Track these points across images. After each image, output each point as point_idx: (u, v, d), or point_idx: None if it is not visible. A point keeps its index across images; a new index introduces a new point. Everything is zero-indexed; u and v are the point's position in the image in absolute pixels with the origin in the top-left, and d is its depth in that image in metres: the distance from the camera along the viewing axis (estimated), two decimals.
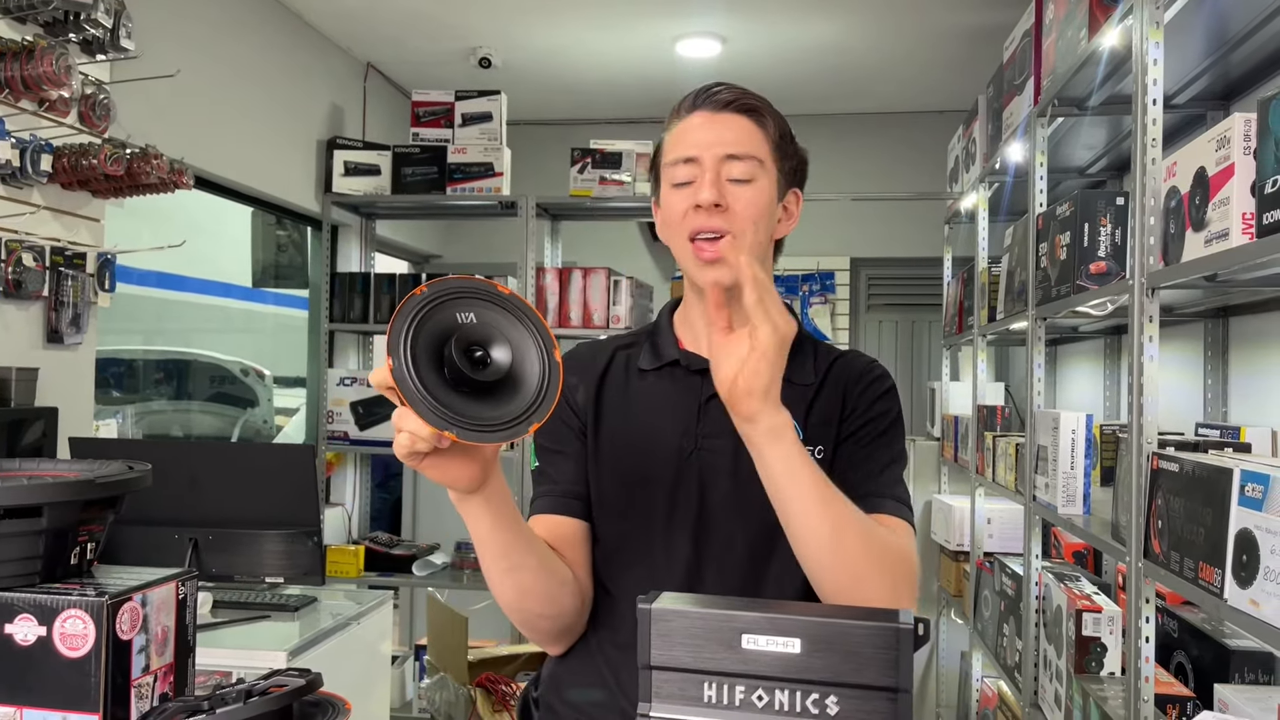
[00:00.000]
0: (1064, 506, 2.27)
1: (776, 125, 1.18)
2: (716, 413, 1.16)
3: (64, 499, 0.95)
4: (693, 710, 0.85)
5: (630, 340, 1.27)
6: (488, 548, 1.03)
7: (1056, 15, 2.40)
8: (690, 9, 3.69)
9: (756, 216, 1.14)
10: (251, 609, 2.24)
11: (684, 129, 1.17)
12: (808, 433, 1.17)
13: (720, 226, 1.13)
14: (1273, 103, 1.27)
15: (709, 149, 1.14)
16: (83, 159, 2.39)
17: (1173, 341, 2.70)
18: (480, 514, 1.00)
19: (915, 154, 4.80)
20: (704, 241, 1.13)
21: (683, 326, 1.24)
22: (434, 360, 0.89)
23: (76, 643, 0.91)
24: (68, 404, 2.47)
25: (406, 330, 0.89)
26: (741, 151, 1.14)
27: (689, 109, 1.18)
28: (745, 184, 1.14)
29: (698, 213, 1.13)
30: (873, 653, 0.82)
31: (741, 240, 1.13)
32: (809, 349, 1.23)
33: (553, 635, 1.16)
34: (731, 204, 1.13)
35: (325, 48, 4.04)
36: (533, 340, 0.94)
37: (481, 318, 0.93)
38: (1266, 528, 1.27)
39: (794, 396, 1.16)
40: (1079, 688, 2.14)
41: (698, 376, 1.19)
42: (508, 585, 1.07)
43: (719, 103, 1.16)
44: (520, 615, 1.11)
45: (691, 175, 1.14)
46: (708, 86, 1.18)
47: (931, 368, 4.97)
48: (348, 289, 4.00)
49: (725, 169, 1.13)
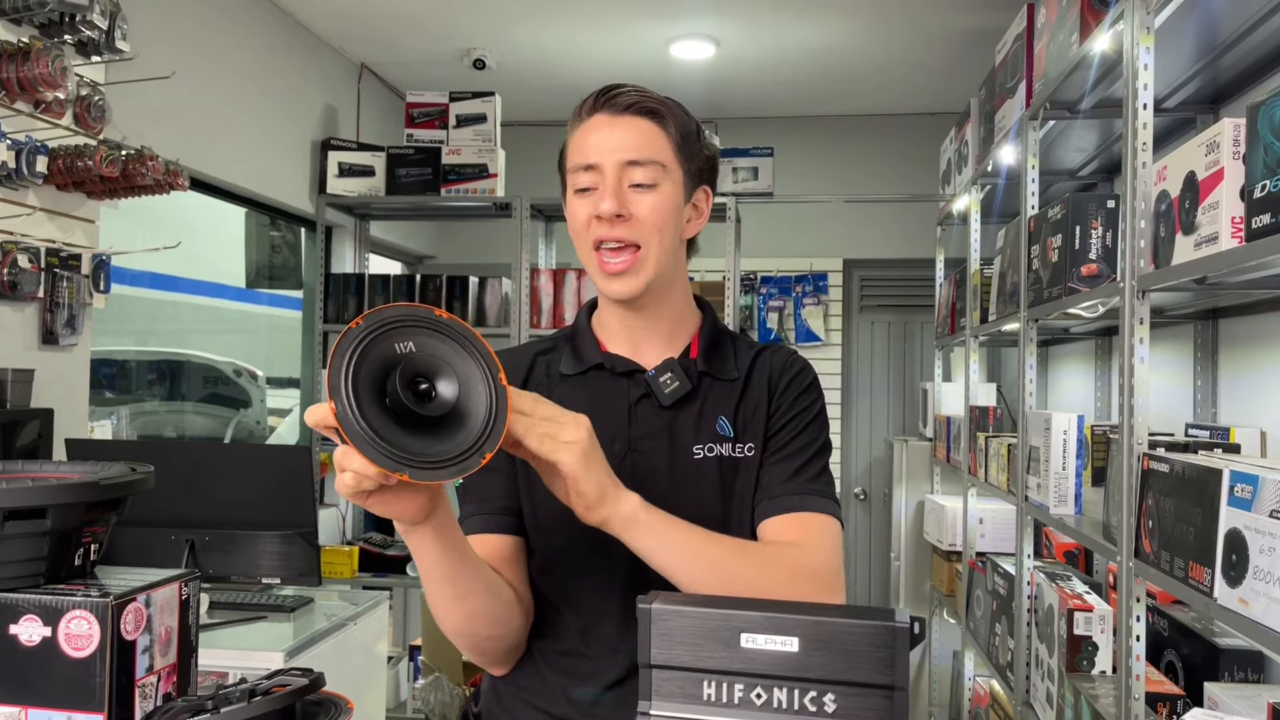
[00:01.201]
0: (1056, 507, 2.29)
1: (679, 126, 1.16)
2: (647, 413, 1.17)
3: (68, 501, 0.95)
4: (692, 708, 0.86)
5: (549, 345, 1.26)
6: (434, 576, 1.01)
7: (1048, 20, 2.42)
8: (684, 11, 3.70)
9: (661, 222, 1.13)
10: (248, 610, 2.24)
11: (584, 132, 1.15)
12: (736, 430, 1.17)
13: (623, 236, 1.12)
14: (1261, 108, 1.29)
15: (609, 155, 1.12)
16: (78, 160, 2.40)
17: (1163, 343, 2.72)
18: (428, 544, 0.98)
19: (908, 156, 4.82)
20: (609, 251, 1.13)
21: (601, 329, 1.23)
22: (377, 396, 0.86)
23: (81, 643, 0.92)
24: (63, 405, 2.47)
25: (346, 369, 0.85)
26: (642, 157, 1.13)
27: (589, 111, 1.16)
28: (648, 189, 1.13)
29: (600, 222, 1.12)
30: (869, 651, 0.83)
31: (647, 251, 1.13)
32: (728, 344, 1.24)
33: (499, 655, 1.15)
34: (634, 211, 1.12)
35: (319, 49, 4.04)
36: (477, 366, 0.90)
37: (422, 347, 0.89)
38: (1256, 528, 1.29)
39: (721, 393, 1.19)
40: (1070, 686, 2.16)
41: (624, 379, 1.19)
42: (455, 611, 1.05)
43: (619, 105, 1.14)
44: (469, 640, 1.10)
45: (593, 182, 1.13)
46: (608, 88, 1.16)
47: (924, 368, 4.99)
48: (342, 290, 4.00)
49: (627, 175, 1.12)
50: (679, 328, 1.22)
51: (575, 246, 1.19)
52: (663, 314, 1.20)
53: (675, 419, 1.17)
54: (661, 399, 1.17)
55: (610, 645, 1.14)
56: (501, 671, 1.18)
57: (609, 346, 1.21)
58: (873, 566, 5.02)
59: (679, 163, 1.16)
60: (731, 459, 1.17)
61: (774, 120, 4.87)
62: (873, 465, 5.04)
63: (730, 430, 1.18)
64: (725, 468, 1.16)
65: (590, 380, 1.20)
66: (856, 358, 5.12)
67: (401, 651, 4.13)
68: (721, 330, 1.25)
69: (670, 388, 1.17)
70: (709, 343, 1.22)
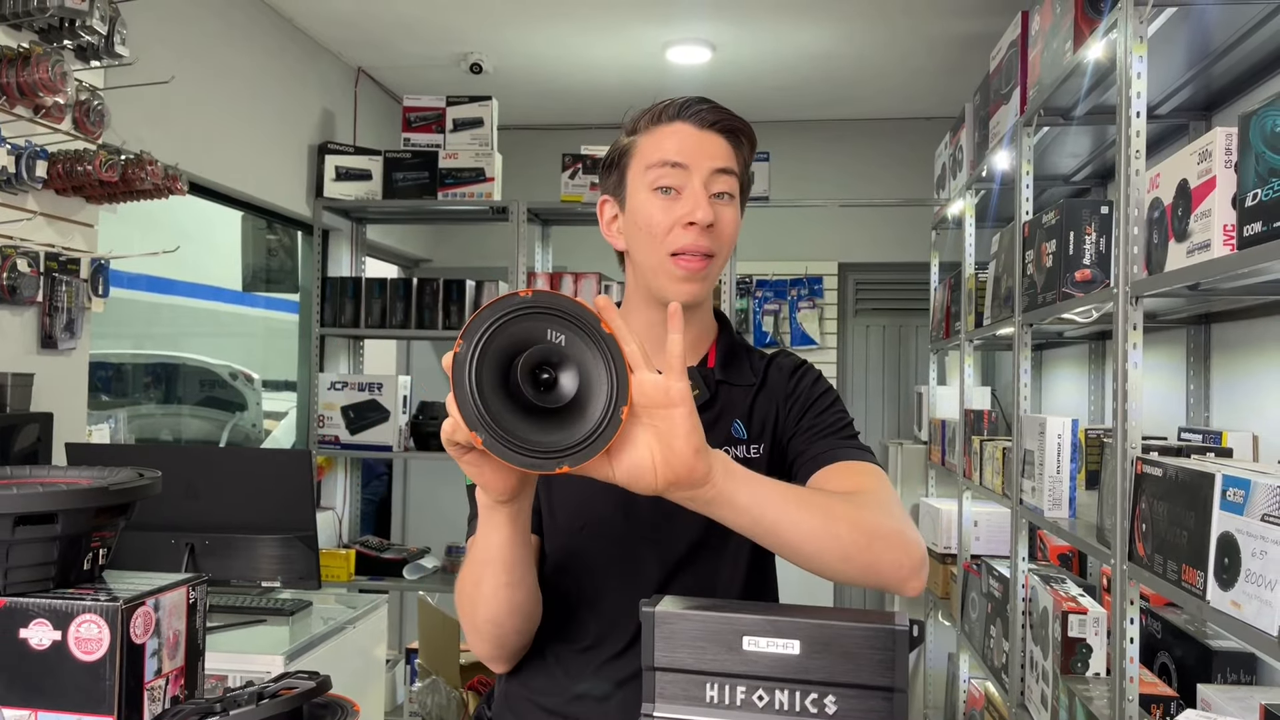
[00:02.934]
0: (1050, 510, 2.30)
1: (748, 151, 1.18)
2: None
3: (78, 506, 0.96)
4: (695, 710, 0.88)
5: None
6: (497, 561, 1.00)
7: (1042, 27, 2.44)
8: (680, 16, 3.72)
9: (733, 236, 1.15)
10: (247, 613, 2.25)
11: (668, 134, 1.14)
12: (750, 432, 1.19)
13: (709, 247, 1.12)
14: (1254, 118, 1.31)
15: (700, 159, 1.12)
16: (78, 165, 2.40)
17: (1156, 347, 2.74)
18: (502, 525, 0.97)
19: (903, 160, 4.84)
20: (690, 258, 1.12)
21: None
22: (500, 380, 0.85)
23: (91, 647, 0.93)
24: (62, 409, 2.48)
25: (489, 326, 0.84)
26: (730, 166, 1.14)
27: (672, 117, 1.15)
28: (729, 202, 1.14)
29: (688, 230, 1.11)
30: (869, 653, 0.84)
31: (717, 260, 1.14)
32: (744, 355, 1.26)
33: (513, 652, 1.14)
34: (716, 222, 1.12)
35: (317, 53, 4.05)
36: (602, 357, 0.87)
37: (571, 344, 0.87)
38: (1248, 531, 1.31)
39: (736, 398, 1.21)
40: (1065, 688, 2.18)
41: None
42: (500, 599, 1.04)
43: (705, 120, 1.14)
44: (496, 631, 1.09)
45: (677, 182, 1.12)
46: (690, 100, 1.16)
47: (918, 372, 5.01)
48: (338, 293, 4.01)
49: (712, 183, 1.13)
50: (701, 338, 1.24)
51: (640, 242, 1.15)
52: (693, 323, 1.22)
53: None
54: None
55: (622, 646, 1.15)
56: (506, 669, 1.19)
57: None
58: None
59: (740, 183, 1.18)
60: (745, 459, 1.18)
61: (770, 124, 4.88)
62: None
63: (744, 432, 1.20)
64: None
65: None
66: (851, 361, 5.14)
67: (398, 655, 4.13)
68: (738, 341, 1.28)
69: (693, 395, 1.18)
70: (726, 353, 1.24)
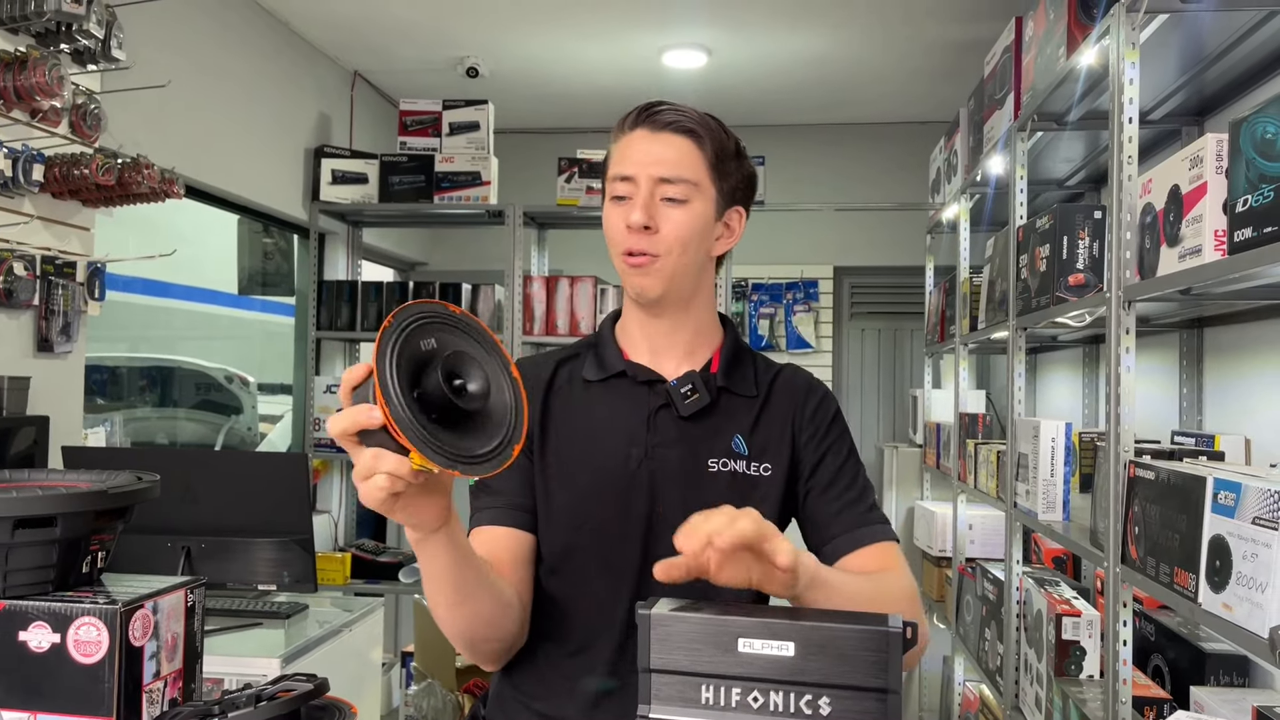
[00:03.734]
0: (1044, 513, 2.32)
1: (715, 146, 1.19)
2: (665, 422, 1.20)
3: (77, 509, 0.97)
4: (691, 712, 0.88)
5: (572, 353, 1.29)
6: (443, 584, 1.01)
7: (1036, 33, 2.45)
8: (676, 21, 3.73)
9: (686, 238, 1.17)
10: (243, 616, 2.25)
11: (625, 144, 1.20)
12: (752, 449, 1.20)
13: (647, 248, 1.16)
14: (1244, 125, 1.32)
15: (644, 169, 1.17)
16: (74, 169, 2.41)
17: (1149, 351, 2.75)
18: (442, 550, 0.98)
19: (898, 164, 4.86)
20: (634, 256, 1.17)
21: (624, 338, 1.26)
22: (416, 396, 0.85)
23: (90, 649, 0.93)
24: (58, 412, 2.48)
25: (391, 368, 0.83)
26: (675, 175, 1.16)
27: (632, 125, 1.20)
28: (678, 205, 1.17)
29: (630, 233, 1.16)
30: (863, 655, 0.85)
31: (666, 259, 1.16)
32: (749, 362, 1.26)
33: (495, 656, 1.16)
34: (661, 225, 1.16)
35: (313, 57, 4.06)
36: (495, 360, 0.91)
37: (443, 343, 0.88)
38: (1239, 534, 1.32)
39: (738, 409, 1.21)
40: (1059, 690, 2.19)
41: (644, 387, 1.22)
42: (456, 616, 1.06)
43: (659, 122, 1.18)
44: (466, 641, 1.11)
45: (628, 192, 1.18)
46: (650, 104, 1.20)
47: (913, 375, 5.03)
48: (334, 297, 4.01)
49: (659, 190, 1.16)
50: (700, 341, 1.25)
51: (609, 250, 1.22)
52: (684, 324, 1.23)
53: (692, 430, 1.20)
54: (681, 409, 1.20)
55: (614, 649, 1.16)
56: (495, 668, 1.20)
57: (631, 355, 1.25)
58: None
59: (712, 181, 1.19)
60: (746, 476, 1.19)
61: (766, 129, 4.90)
62: None
63: (745, 449, 1.20)
64: (738, 484, 1.18)
65: (612, 387, 1.23)
66: (847, 365, 5.15)
67: (394, 658, 4.13)
68: (743, 348, 1.28)
69: (690, 399, 1.20)
70: (729, 359, 1.25)
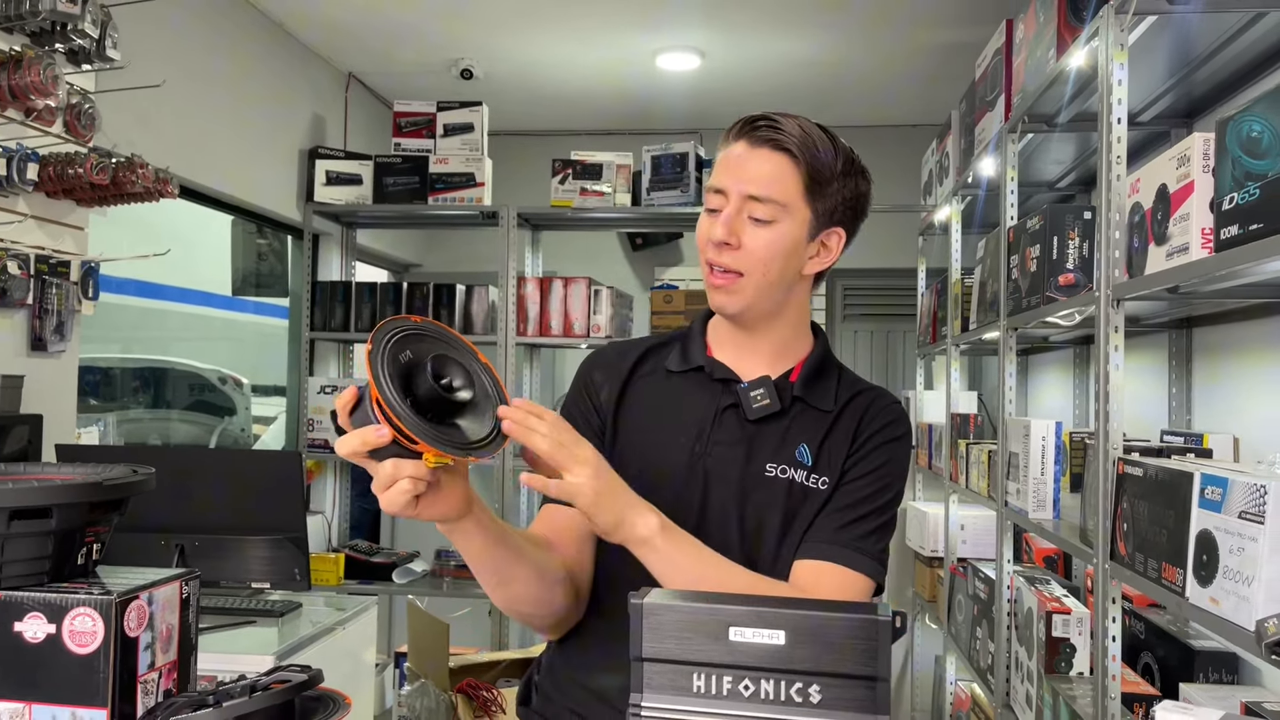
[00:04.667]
0: (1034, 511, 2.33)
1: (812, 166, 1.18)
2: (731, 421, 1.21)
3: (73, 500, 0.97)
4: (683, 700, 0.89)
5: (664, 340, 1.32)
6: (483, 566, 1.08)
7: (1026, 35, 2.47)
8: (670, 23, 3.75)
9: (768, 259, 1.18)
10: (237, 614, 2.25)
11: (724, 156, 1.21)
12: (817, 461, 1.20)
13: (728, 264, 1.18)
14: (1230, 124, 1.34)
15: (735, 184, 1.18)
16: (68, 168, 2.41)
17: (1139, 351, 2.77)
18: (473, 533, 1.04)
19: (890, 166, 4.83)
20: (716, 273, 1.20)
21: (713, 335, 1.29)
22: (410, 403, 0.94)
23: (85, 640, 0.94)
24: (51, 411, 2.48)
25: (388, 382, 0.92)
26: (764, 194, 1.17)
27: (734, 137, 1.21)
28: (764, 225, 1.18)
29: (712, 245, 1.19)
30: (853, 644, 0.86)
31: (748, 278, 1.18)
32: (833, 376, 1.26)
33: (549, 627, 1.21)
34: (746, 242, 1.18)
35: (308, 58, 4.06)
36: (466, 353, 1.00)
37: (417, 351, 0.97)
38: (1225, 529, 1.33)
39: (810, 421, 1.22)
40: (1049, 688, 2.20)
41: (719, 384, 1.24)
42: (499, 595, 1.13)
43: (757, 138, 1.19)
44: (515, 615, 1.18)
45: (719, 204, 1.19)
46: (753, 117, 1.21)
47: (906, 376, 5.04)
48: (329, 298, 4.01)
49: (747, 207, 1.17)
50: (786, 351, 1.26)
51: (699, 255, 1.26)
52: (768, 336, 1.25)
53: (758, 434, 1.21)
54: (749, 412, 1.21)
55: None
56: (554, 637, 1.25)
57: (716, 352, 1.27)
58: None
59: (806, 203, 1.19)
60: (803, 486, 1.19)
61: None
62: None
63: (809, 459, 1.20)
64: (794, 492, 1.19)
65: (689, 380, 1.26)
66: None
67: (387, 658, 4.13)
68: (830, 362, 1.28)
69: (759, 404, 1.21)
70: (813, 371, 1.25)
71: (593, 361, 1.31)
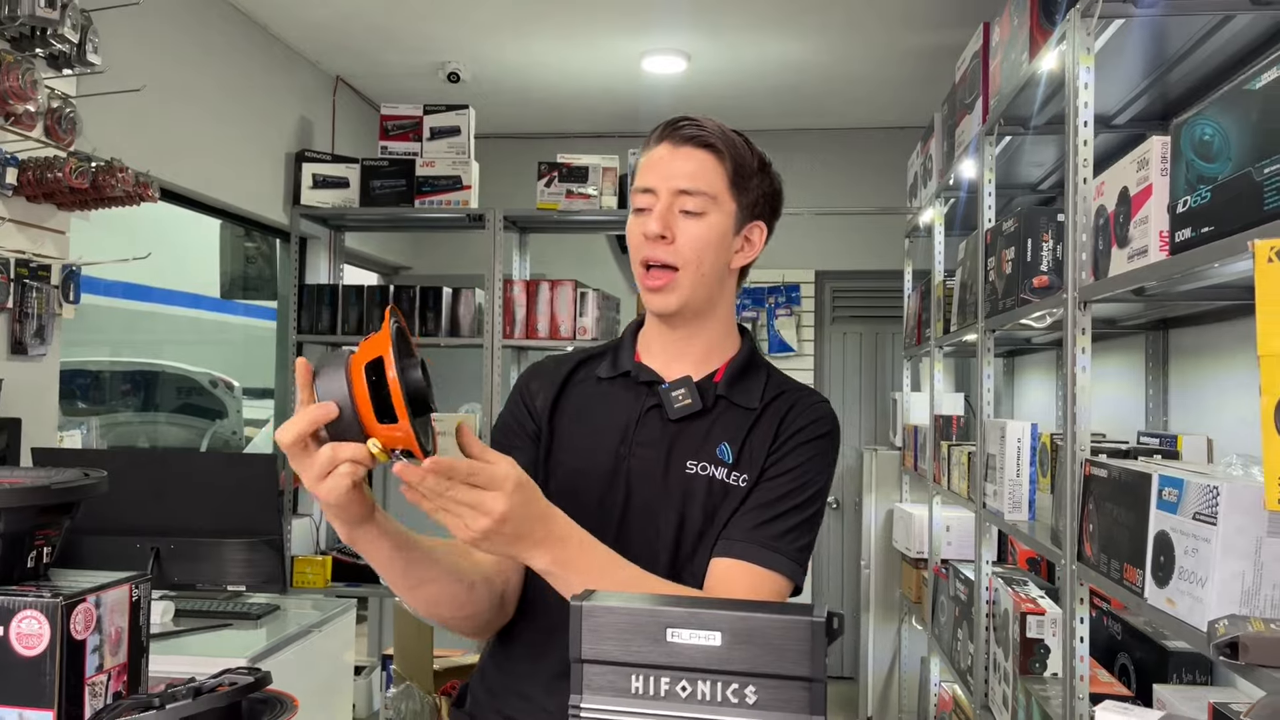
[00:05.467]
0: (1010, 512, 2.34)
1: (735, 161, 1.23)
2: (653, 421, 1.23)
3: (19, 504, 0.98)
4: (621, 701, 0.90)
5: (597, 352, 1.34)
6: (393, 569, 1.07)
7: (1002, 38, 2.48)
8: (656, 27, 3.76)
9: (702, 249, 1.20)
10: (214, 617, 2.26)
11: (648, 159, 1.24)
12: (738, 459, 1.20)
13: (664, 258, 1.20)
14: (1184, 127, 1.35)
15: (664, 182, 1.21)
16: (48, 172, 2.41)
17: (1116, 353, 2.78)
18: (378, 541, 1.03)
19: (877, 169, 4.89)
20: (654, 269, 1.21)
21: (643, 342, 1.31)
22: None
23: (32, 642, 0.95)
24: (31, 415, 2.48)
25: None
26: (694, 187, 1.20)
27: (656, 140, 1.24)
28: (695, 218, 1.20)
29: (646, 242, 1.20)
30: (788, 645, 0.87)
31: (683, 272, 1.20)
32: (760, 376, 1.27)
33: (473, 630, 1.21)
34: (678, 236, 1.20)
35: (294, 61, 4.07)
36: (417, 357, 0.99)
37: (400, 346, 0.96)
38: (1181, 530, 1.34)
39: (734, 420, 1.23)
40: (1023, 688, 2.20)
41: (643, 387, 1.26)
42: (415, 599, 1.12)
43: (680, 137, 1.22)
44: (437, 620, 1.17)
45: (648, 204, 1.22)
46: (675, 120, 1.24)
47: (894, 379, 5.05)
48: (316, 300, 4.02)
49: (678, 202, 1.20)
50: (714, 351, 1.28)
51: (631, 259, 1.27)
52: (699, 335, 1.27)
53: (680, 433, 1.22)
54: (670, 412, 1.22)
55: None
56: (481, 639, 1.25)
57: (644, 358, 1.28)
58: (844, 574, 5.07)
59: (732, 196, 1.22)
60: (723, 484, 1.20)
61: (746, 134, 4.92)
62: (845, 474, 5.09)
63: (730, 457, 1.21)
64: (715, 489, 1.20)
65: (616, 385, 1.28)
66: (829, 368, 5.17)
67: (374, 661, 4.14)
68: (756, 362, 1.29)
69: (679, 403, 1.22)
70: (738, 370, 1.27)
71: (531, 372, 1.33)
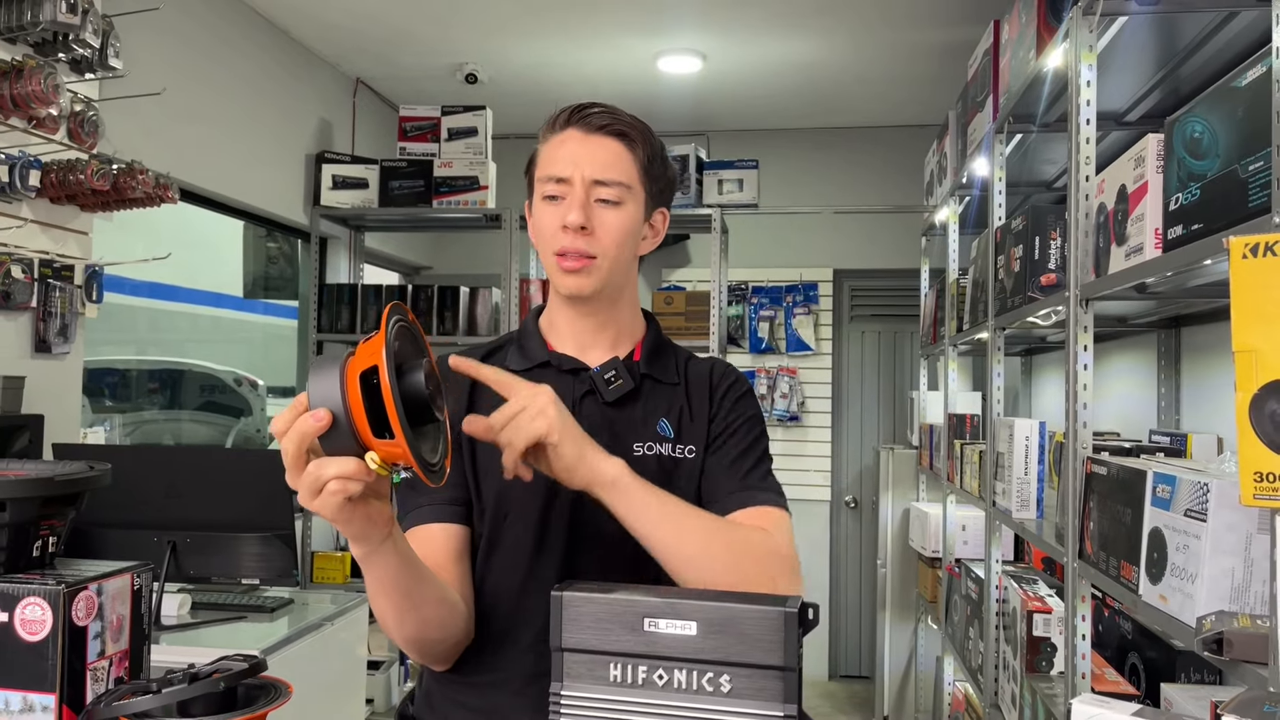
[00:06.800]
0: (1018, 510, 2.33)
1: (646, 149, 1.22)
2: (591, 409, 1.23)
3: (25, 495, 1.02)
4: (600, 689, 0.92)
5: (496, 346, 1.31)
6: (395, 590, 1.03)
7: (1011, 35, 2.48)
8: (671, 26, 3.77)
9: (620, 239, 1.20)
10: (229, 610, 2.31)
11: (557, 145, 1.21)
12: (679, 433, 1.23)
13: (584, 249, 1.18)
14: (1176, 125, 1.35)
15: (580, 170, 1.18)
16: (70, 174, 2.47)
17: (1128, 351, 2.77)
18: (390, 558, 0.99)
19: (895, 167, 4.87)
20: (569, 258, 1.19)
21: (550, 330, 1.29)
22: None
23: (35, 628, 0.98)
24: (55, 412, 2.54)
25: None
26: (610, 177, 1.19)
27: (563, 125, 1.21)
28: (612, 207, 1.20)
29: (565, 232, 1.18)
30: (762, 635, 0.88)
31: (603, 260, 1.19)
32: (670, 353, 1.31)
33: (445, 656, 1.18)
34: (596, 227, 1.19)
35: (314, 64, 4.13)
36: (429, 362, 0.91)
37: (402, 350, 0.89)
38: (1173, 526, 1.34)
39: (662, 395, 1.26)
40: (1029, 686, 2.20)
41: (569, 376, 1.25)
42: (409, 621, 1.08)
43: (592, 125, 1.20)
44: (417, 645, 1.13)
45: (561, 192, 1.19)
46: (582, 106, 1.22)
47: (912, 377, 5.04)
48: (335, 300, 4.08)
49: (594, 191, 1.19)
50: (624, 335, 1.29)
51: (537, 248, 1.25)
52: (610, 320, 1.27)
53: (618, 417, 1.23)
54: (605, 395, 1.23)
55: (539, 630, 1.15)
56: (444, 668, 1.21)
57: (556, 347, 1.28)
58: (862, 574, 5.06)
59: (643, 184, 1.23)
60: (671, 458, 1.22)
61: (761, 133, 4.93)
62: (862, 473, 5.09)
63: (670, 431, 1.24)
64: (665, 466, 1.22)
65: (536, 378, 1.22)
66: (846, 367, 5.17)
67: (393, 656, 4.18)
68: (665, 341, 1.33)
69: (614, 384, 1.23)
70: (651, 349, 1.29)
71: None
